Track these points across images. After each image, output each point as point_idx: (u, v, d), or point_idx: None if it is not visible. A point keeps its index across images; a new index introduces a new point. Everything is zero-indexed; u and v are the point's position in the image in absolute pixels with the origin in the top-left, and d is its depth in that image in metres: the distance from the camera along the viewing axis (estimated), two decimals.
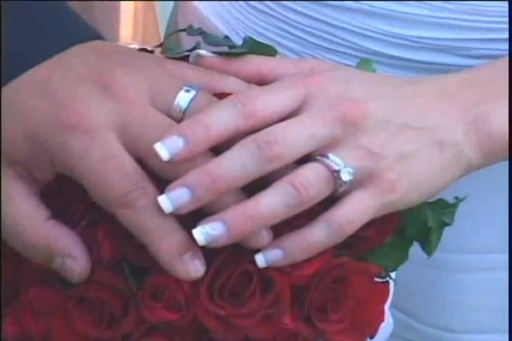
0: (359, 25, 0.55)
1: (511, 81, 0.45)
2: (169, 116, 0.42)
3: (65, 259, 0.41)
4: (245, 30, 0.60)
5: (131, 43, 0.53)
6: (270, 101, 0.41)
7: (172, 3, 0.70)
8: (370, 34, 0.55)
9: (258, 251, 0.41)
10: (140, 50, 0.48)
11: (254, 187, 0.40)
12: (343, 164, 0.41)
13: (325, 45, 0.56)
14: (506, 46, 0.52)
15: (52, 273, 0.42)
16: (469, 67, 0.48)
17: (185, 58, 0.46)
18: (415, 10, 0.53)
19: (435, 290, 0.65)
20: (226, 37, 0.49)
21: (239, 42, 0.48)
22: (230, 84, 0.44)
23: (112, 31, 0.56)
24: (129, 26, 0.57)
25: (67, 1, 0.46)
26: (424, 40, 0.54)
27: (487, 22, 0.53)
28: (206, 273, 0.41)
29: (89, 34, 0.45)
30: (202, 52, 0.46)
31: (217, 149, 0.41)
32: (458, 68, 0.50)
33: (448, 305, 0.65)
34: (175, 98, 0.42)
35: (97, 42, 0.45)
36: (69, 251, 0.41)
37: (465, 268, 0.64)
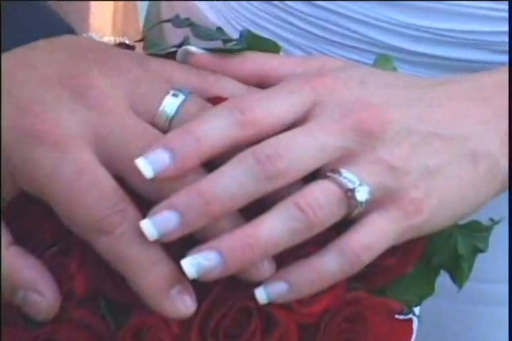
0: (374, 16, 0.54)
1: (511, 84, 0.44)
2: (154, 125, 0.42)
3: (30, 293, 0.41)
4: (242, 21, 0.59)
5: (105, 35, 0.53)
6: (272, 108, 0.41)
7: None
8: (388, 26, 0.55)
9: (258, 284, 0.40)
10: (118, 45, 0.48)
11: (254, 209, 0.40)
12: (359, 181, 0.40)
13: (335, 39, 0.56)
14: None
15: (16, 309, 0.42)
16: (502, 64, 0.47)
17: (171, 55, 0.46)
18: None
19: (469, 328, 0.65)
20: (219, 29, 0.48)
21: (235, 35, 0.47)
22: (226, 86, 0.44)
23: (80, 21, 0.56)
24: (99, 15, 0.57)
25: None
26: (452, 34, 0.54)
27: None
28: (198, 310, 0.40)
29: (58, 25, 0.45)
30: (192, 48, 0.45)
31: (210, 164, 0.40)
32: (489, 66, 0.50)
33: None
34: (160, 104, 0.42)
35: (68, 37, 0.45)
36: (34, 284, 0.41)
37: (504, 300, 0.63)
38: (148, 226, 0.39)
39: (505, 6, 0.53)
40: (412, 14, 0.54)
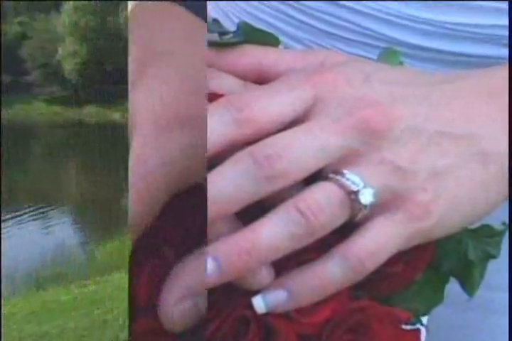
0: (379, 9, 0.54)
1: (511, 84, 0.44)
2: None
3: None
4: (238, 13, 0.59)
5: None
6: (271, 106, 0.40)
7: None
8: (393, 19, 0.54)
9: (256, 292, 0.40)
10: None
11: (252, 213, 0.39)
12: (363, 183, 0.40)
13: (337, 32, 0.56)
14: None
15: None
16: None
17: None
18: None
19: (477, 336, 0.64)
20: (215, 20, 0.48)
21: (232, 28, 0.47)
22: (222, 82, 0.44)
23: None
24: None
25: None
26: (465, 28, 0.53)
27: None
28: None
29: None
30: None
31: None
32: (503, 61, 0.49)
33: None
34: None
35: None
36: None
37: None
38: None
39: None
40: (425, 8, 0.53)
